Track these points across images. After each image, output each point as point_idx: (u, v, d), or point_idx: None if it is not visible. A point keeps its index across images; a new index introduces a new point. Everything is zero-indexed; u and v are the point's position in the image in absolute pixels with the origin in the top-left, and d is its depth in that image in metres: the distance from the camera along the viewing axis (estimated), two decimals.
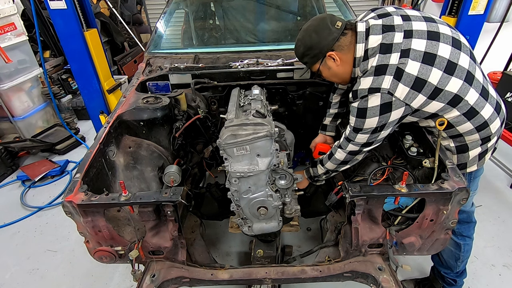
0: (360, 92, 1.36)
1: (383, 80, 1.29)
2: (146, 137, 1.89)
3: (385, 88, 1.29)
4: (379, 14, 1.41)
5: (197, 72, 2.13)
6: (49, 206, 3.05)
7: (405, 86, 1.27)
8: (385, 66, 1.29)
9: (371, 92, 1.32)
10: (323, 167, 1.70)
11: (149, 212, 1.33)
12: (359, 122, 1.40)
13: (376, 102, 1.32)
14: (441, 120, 1.33)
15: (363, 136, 1.45)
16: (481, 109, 1.34)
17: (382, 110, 1.32)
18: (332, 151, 1.63)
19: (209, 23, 3.19)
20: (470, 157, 1.47)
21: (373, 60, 1.34)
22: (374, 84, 1.31)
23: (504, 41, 4.12)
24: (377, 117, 1.35)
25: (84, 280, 2.33)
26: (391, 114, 1.34)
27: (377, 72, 1.31)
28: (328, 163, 1.66)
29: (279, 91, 2.28)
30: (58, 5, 2.72)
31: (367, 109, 1.35)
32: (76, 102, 4.46)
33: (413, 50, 1.27)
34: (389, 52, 1.30)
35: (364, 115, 1.37)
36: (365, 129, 1.41)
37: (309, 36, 1.44)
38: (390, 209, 1.47)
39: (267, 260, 1.82)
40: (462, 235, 1.75)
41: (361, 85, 1.35)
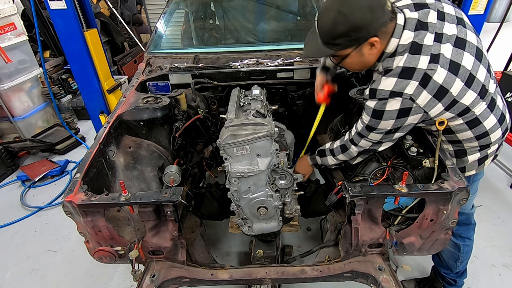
0: (380, 92, 1.27)
1: (407, 84, 1.21)
2: (146, 137, 1.89)
3: (408, 94, 1.21)
4: (415, 3, 1.27)
5: (197, 72, 2.13)
6: (49, 206, 3.05)
7: (428, 93, 1.21)
8: (413, 69, 1.21)
9: (392, 96, 1.24)
10: (335, 159, 1.65)
11: (149, 212, 1.33)
12: (373, 122, 1.35)
13: (395, 106, 1.25)
14: (441, 120, 1.33)
15: (376, 135, 1.40)
16: (485, 120, 1.33)
17: (399, 114, 1.27)
18: (345, 144, 1.57)
19: (209, 23, 3.19)
20: (469, 161, 1.46)
21: (400, 59, 1.23)
22: (397, 88, 1.23)
23: (504, 41, 4.12)
24: (393, 121, 1.30)
25: (84, 280, 2.33)
26: (408, 119, 1.29)
27: (403, 74, 1.22)
28: (341, 155, 1.61)
29: (279, 91, 2.29)
30: (58, 5, 2.72)
31: (384, 112, 1.28)
32: (76, 102, 4.46)
33: (443, 55, 1.20)
34: (419, 53, 1.21)
35: (380, 117, 1.31)
36: (379, 129, 1.36)
37: (361, 12, 1.16)
38: (390, 209, 1.47)
39: (267, 260, 1.82)
40: (461, 236, 1.75)
41: (382, 85, 1.26)
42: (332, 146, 1.66)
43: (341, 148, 1.60)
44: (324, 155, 1.70)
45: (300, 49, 2.44)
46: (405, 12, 1.25)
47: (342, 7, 1.18)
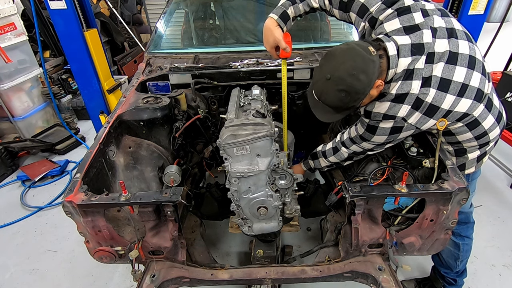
0: (374, 115, 1.35)
1: (400, 108, 1.27)
2: (146, 137, 1.89)
3: (400, 116, 1.29)
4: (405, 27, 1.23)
5: (197, 72, 2.13)
6: (49, 206, 3.05)
7: (419, 113, 1.27)
8: (405, 95, 1.25)
9: (385, 118, 1.32)
10: (326, 160, 1.71)
11: (149, 212, 1.33)
12: (367, 135, 1.42)
13: (388, 125, 1.34)
14: (441, 120, 1.33)
15: (368, 145, 1.48)
16: (483, 120, 1.34)
17: (392, 131, 1.35)
18: (336, 147, 1.63)
19: (209, 23, 3.19)
20: (469, 159, 1.47)
21: (394, 86, 1.27)
22: (390, 112, 1.29)
23: (504, 41, 4.12)
24: (386, 136, 1.37)
25: (84, 280, 2.33)
26: (400, 135, 1.37)
27: (396, 100, 1.27)
28: (332, 157, 1.67)
29: (279, 91, 2.28)
30: (58, 5, 2.72)
31: (377, 128, 1.36)
32: (76, 102, 4.46)
33: (434, 76, 1.22)
34: (411, 78, 1.23)
35: (373, 132, 1.39)
36: (372, 142, 1.44)
37: (357, 80, 1.17)
38: (390, 209, 1.47)
39: (267, 260, 1.82)
40: (460, 235, 1.76)
41: (376, 109, 1.33)
42: (324, 148, 1.72)
43: (333, 150, 1.66)
44: (317, 157, 1.77)
45: (300, 49, 2.43)
46: (396, 39, 1.23)
47: (339, 86, 1.20)
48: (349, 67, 1.17)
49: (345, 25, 2.92)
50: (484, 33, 2.84)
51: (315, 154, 1.78)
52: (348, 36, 2.80)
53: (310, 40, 2.88)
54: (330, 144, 1.69)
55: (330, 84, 1.21)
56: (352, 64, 1.17)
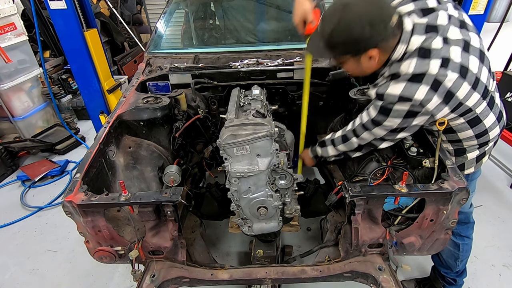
0: (388, 97, 1.25)
1: (417, 89, 1.18)
2: (146, 137, 1.89)
3: (418, 99, 1.20)
4: (422, 9, 1.25)
5: (197, 72, 2.13)
6: (49, 206, 3.05)
7: (438, 98, 1.20)
8: (423, 75, 1.18)
9: (401, 100, 1.22)
10: (335, 149, 1.63)
11: (149, 212, 1.33)
12: (380, 118, 1.33)
13: (403, 108, 1.24)
14: (441, 120, 1.33)
15: (380, 131, 1.38)
16: (485, 118, 1.34)
17: (407, 115, 1.26)
18: (346, 135, 1.55)
19: (209, 23, 3.19)
20: (468, 159, 1.47)
21: (408, 64, 1.21)
22: (406, 93, 1.20)
23: (504, 41, 4.12)
24: (400, 119, 1.28)
25: (84, 280, 2.33)
26: (415, 120, 1.28)
27: (413, 79, 1.19)
28: (341, 145, 1.59)
29: (279, 91, 2.28)
30: (58, 5, 2.72)
31: (391, 110, 1.27)
32: (76, 102, 4.46)
33: (452, 60, 1.18)
34: (428, 57, 1.18)
35: (387, 113, 1.29)
36: (384, 126, 1.34)
37: (361, 26, 1.16)
38: (390, 209, 1.47)
39: (267, 260, 1.82)
40: (460, 235, 1.76)
41: (390, 90, 1.24)
42: (333, 136, 1.64)
43: (342, 138, 1.58)
44: (325, 145, 1.68)
45: (300, 49, 2.44)
46: (413, 17, 1.24)
47: (345, 15, 1.18)
48: (364, 13, 1.16)
49: None
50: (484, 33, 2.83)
51: (324, 142, 1.69)
52: None
53: None
54: (340, 132, 1.60)
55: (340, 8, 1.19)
56: (369, 11, 1.16)
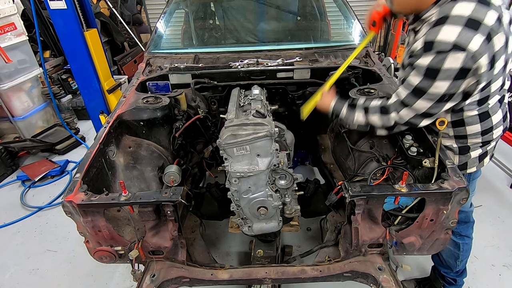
0: (440, 44, 1.09)
1: (473, 37, 1.05)
2: (146, 137, 1.89)
3: (472, 50, 1.06)
4: None
5: (197, 72, 2.13)
6: (49, 206, 3.05)
7: (488, 57, 1.09)
8: (479, 22, 1.06)
9: (455, 49, 1.06)
10: (365, 117, 1.43)
11: (149, 212, 1.33)
12: (425, 83, 1.17)
13: (455, 64, 1.08)
14: (441, 120, 1.34)
15: (424, 104, 1.22)
16: (493, 114, 1.35)
17: (458, 75, 1.10)
18: (385, 107, 1.36)
19: (209, 23, 3.19)
20: (471, 157, 1.47)
21: (465, 7, 1.08)
22: (462, 39, 1.05)
23: None
24: (449, 82, 1.12)
25: (84, 280, 2.33)
26: (464, 83, 1.14)
27: (470, 24, 1.05)
28: (375, 117, 1.39)
29: (279, 91, 2.29)
30: (58, 5, 2.72)
31: (440, 70, 1.11)
32: (76, 102, 4.46)
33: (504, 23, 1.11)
34: (488, 5, 1.08)
35: (434, 76, 1.13)
36: (430, 94, 1.18)
37: None
38: (390, 209, 1.47)
39: (267, 260, 1.82)
40: (460, 234, 1.76)
41: (442, 35, 1.09)
42: (367, 104, 1.44)
43: (381, 110, 1.38)
44: (354, 108, 1.47)
45: (300, 49, 2.43)
46: None
47: None
48: None
49: (345, 25, 2.92)
50: None
51: (354, 105, 1.48)
52: (348, 36, 2.80)
53: (310, 40, 2.89)
54: (377, 101, 1.42)
55: None
56: None
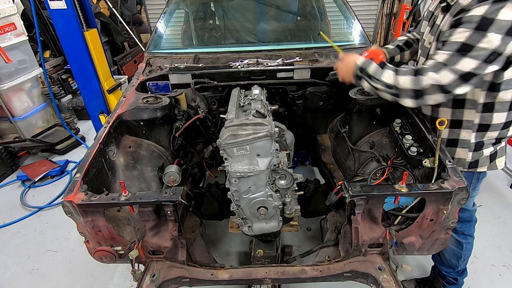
0: None
1: None
2: (146, 137, 1.89)
3: None
4: None
5: (197, 72, 2.13)
6: (49, 206, 3.05)
7: None
8: None
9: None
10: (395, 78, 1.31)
11: (149, 212, 1.33)
12: (474, 37, 1.10)
13: (510, 15, 1.05)
14: (441, 120, 1.34)
15: (470, 62, 1.13)
16: None
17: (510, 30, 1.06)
18: (420, 69, 1.26)
19: (209, 23, 3.19)
20: (483, 155, 1.47)
21: None
22: None
23: None
24: (501, 36, 1.07)
25: (84, 280, 2.33)
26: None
27: None
28: (406, 78, 1.28)
29: (279, 91, 2.29)
30: (58, 5, 2.72)
31: (494, 21, 1.06)
32: (76, 102, 4.46)
33: None
34: None
35: (486, 27, 1.07)
36: (479, 48, 1.10)
37: None
38: (390, 209, 1.47)
39: (267, 260, 1.82)
40: (464, 233, 1.76)
41: None
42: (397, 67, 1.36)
43: (415, 72, 1.28)
44: (384, 66, 1.36)
45: (300, 49, 2.44)
46: None
47: None
48: None
49: (345, 25, 2.93)
50: None
51: (384, 63, 1.38)
52: (348, 36, 2.80)
53: (310, 40, 2.89)
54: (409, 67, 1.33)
55: None
56: None
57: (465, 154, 1.47)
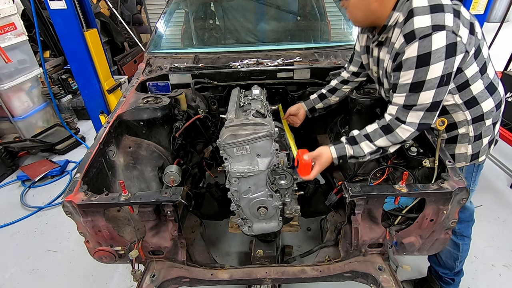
0: (420, 31, 1.14)
1: (444, 17, 1.13)
2: (146, 137, 1.89)
3: (449, 26, 1.13)
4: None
5: (197, 72, 2.13)
6: (49, 206, 3.05)
7: (464, 27, 1.16)
8: (440, 5, 1.16)
9: (435, 30, 1.13)
10: (372, 144, 1.34)
11: (149, 212, 1.33)
12: (420, 74, 1.17)
13: (441, 42, 1.13)
14: (441, 120, 1.34)
15: (428, 94, 1.20)
16: (498, 86, 1.39)
17: (448, 52, 1.14)
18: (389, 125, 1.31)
19: (209, 23, 3.19)
20: (483, 144, 1.47)
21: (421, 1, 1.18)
22: (436, 21, 1.13)
23: (504, 41, 4.12)
24: (442, 62, 1.15)
25: (84, 280, 2.33)
26: (455, 60, 1.17)
27: (434, 9, 1.15)
28: (382, 139, 1.33)
29: (279, 91, 2.29)
30: (58, 5, 2.72)
31: (431, 53, 1.14)
32: (76, 102, 4.46)
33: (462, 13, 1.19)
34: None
35: (427, 61, 1.15)
36: (430, 81, 1.18)
37: None
38: (390, 209, 1.47)
39: (267, 260, 1.82)
40: (462, 235, 1.75)
41: (418, 24, 1.16)
42: (365, 132, 1.38)
43: (384, 130, 1.32)
44: (356, 142, 1.38)
45: (300, 49, 2.44)
46: None
47: None
48: None
49: (345, 25, 2.93)
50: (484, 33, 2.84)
51: (353, 138, 1.39)
52: (348, 36, 2.80)
53: (310, 40, 2.89)
54: (375, 125, 1.36)
55: None
56: None
57: (465, 148, 1.47)
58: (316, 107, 1.95)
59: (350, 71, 1.83)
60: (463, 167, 1.53)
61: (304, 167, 1.38)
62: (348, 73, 1.85)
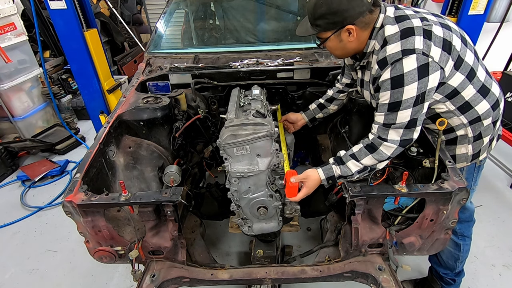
0: (391, 57, 1.23)
1: (414, 40, 1.21)
2: (146, 137, 1.89)
3: (419, 48, 1.20)
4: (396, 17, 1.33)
5: (197, 72, 2.13)
6: (49, 206, 3.05)
7: (437, 46, 1.22)
8: (411, 28, 1.23)
9: (405, 54, 1.21)
10: (359, 163, 1.37)
11: (149, 212, 1.33)
12: (396, 95, 1.25)
13: (412, 65, 1.20)
14: (441, 120, 1.34)
15: (405, 113, 1.27)
16: (491, 87, 1.39)
17: (420, 73, 1.21)
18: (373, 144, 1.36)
19: (209, 23, 3.19)
20: (484, 143, 1.47)
21: (392, 28, 1.27)
22: (405, 46, 1.22)
23: (504, 41, 4.12)
24: (416, 83, 1.21)
25: (84, 280, 2.33)
26: (429, 79, 1.23)
27: (404, 35, 1.23)
28: (367, 158, 1.36)
29: (279, 91, 2.29)
30: (58, 5, 2.72)
31: (403, 75, 1.21)
32: (76, 102, 4.46)
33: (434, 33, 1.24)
34: (408, 19, 1.26)
35: (401, 83, 1.23)
36: (406, 101, 1.24)
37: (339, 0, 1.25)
38: (390, 209, 1.47)
39: (267, 260, 1.82)
40: (463, 235, 1.75)
41: (390, 50, 1.25)
42: (351, 152, 1.41)
43: (368, 148, 1.36)
44: (343, 162, 1.40)
45: (300, 49, 2.44)
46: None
47: None
48: None
49: None
50: (484, 33, 2.84)
51: (340, 158, 1.42)
52: None
53: (310, 40, 2.88)
54: (360, 145, 1.40)
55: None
56: None
57: (466, 148, 1.47)
58: (316, 117, 2.02)
59: (343, 83, 1.88)
60: (464, 167, 1.53)
61: (290, 189, 1.40)
62: (341, 85, 1.89)
